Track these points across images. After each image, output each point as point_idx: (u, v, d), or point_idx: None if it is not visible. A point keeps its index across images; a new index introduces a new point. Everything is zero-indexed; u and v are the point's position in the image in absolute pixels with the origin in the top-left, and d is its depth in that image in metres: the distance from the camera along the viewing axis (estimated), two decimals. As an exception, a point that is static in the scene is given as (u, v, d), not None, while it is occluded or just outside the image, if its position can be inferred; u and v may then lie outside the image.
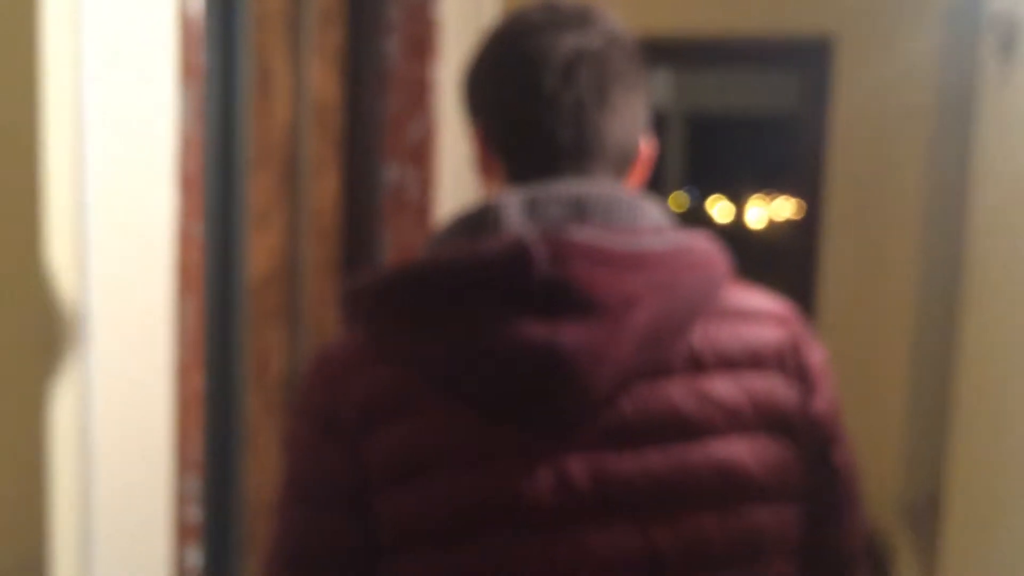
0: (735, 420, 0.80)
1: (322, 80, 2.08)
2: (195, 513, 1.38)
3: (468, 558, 0.77)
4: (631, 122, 0.91)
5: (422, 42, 2.11)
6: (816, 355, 0.90)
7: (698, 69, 5.42)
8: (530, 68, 0.86)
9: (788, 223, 4.50)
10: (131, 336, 1.25)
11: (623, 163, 0.92)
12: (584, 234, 0.78)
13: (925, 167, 3.35)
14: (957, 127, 3.16)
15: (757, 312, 0.87)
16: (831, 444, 0.91)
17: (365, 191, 2.20)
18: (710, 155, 6.92)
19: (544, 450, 0.77)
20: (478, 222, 0.82)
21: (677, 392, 0.79)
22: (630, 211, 0.83)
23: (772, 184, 6.13)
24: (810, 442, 0.87)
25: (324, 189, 2.13)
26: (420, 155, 2.26)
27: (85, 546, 1.17)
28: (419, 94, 2.19)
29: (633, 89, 0.90)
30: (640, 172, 0.97)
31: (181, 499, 1.36)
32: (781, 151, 4.47)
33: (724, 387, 0.81)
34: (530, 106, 0.87)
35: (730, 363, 0.82)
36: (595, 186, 0.84)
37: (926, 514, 3.22)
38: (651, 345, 0.78)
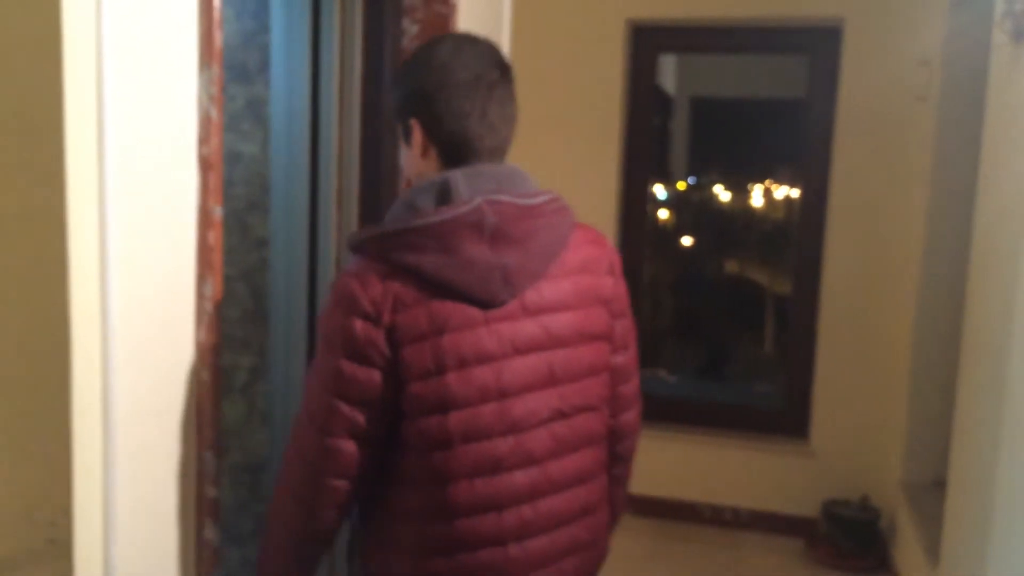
0: (582, 300, 1.41)
1: (342, 61, 2.09)
2: (213, 491, 1.39)
3: (455, 380, 1.28)
4: (512, 123, 1.42)
5: (439, 24, 2.11)
6: (619, 261, 1.53)
7: (705, 54, 5.39)
8: (463, 91, 1.35)
9: (793, 208, 4.50)
10: (152, 315, 1.26)
11: (507, 150, 1.44)
12: (506, 197, 1.33)
13: (932, 152, 3.35)
14: (965, 113, 3.16)
15: (593, 239, 1.48)
16: (625, 309, 1.54)
17: (384, 172, 2.21)
18: (716, 140, 6.90)
19: (494, 319, 1.31)
20: (441, 189, 1.31)
21: (556, 287, 1.38)
22: (524, 181, 1.39)
23: (778, 169, 6.11)
24: (615, 308, 1.50)
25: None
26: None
27: (107, 523, 1.18)
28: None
29: (513, 101, 1.42)
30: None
31: (200, 477, 1.38)
32: (788, 136, 4.45)
33: (579, 282, 1.41)
34: (463, 119, 1.36)
35: (582, 269, 1.42)
36: (503, 167, 1.39)
37: (930, 496, 3.25)
38: (544, 260, 1.36)
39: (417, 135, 1.38)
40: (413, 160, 1.42)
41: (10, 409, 1.16)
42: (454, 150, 1.37)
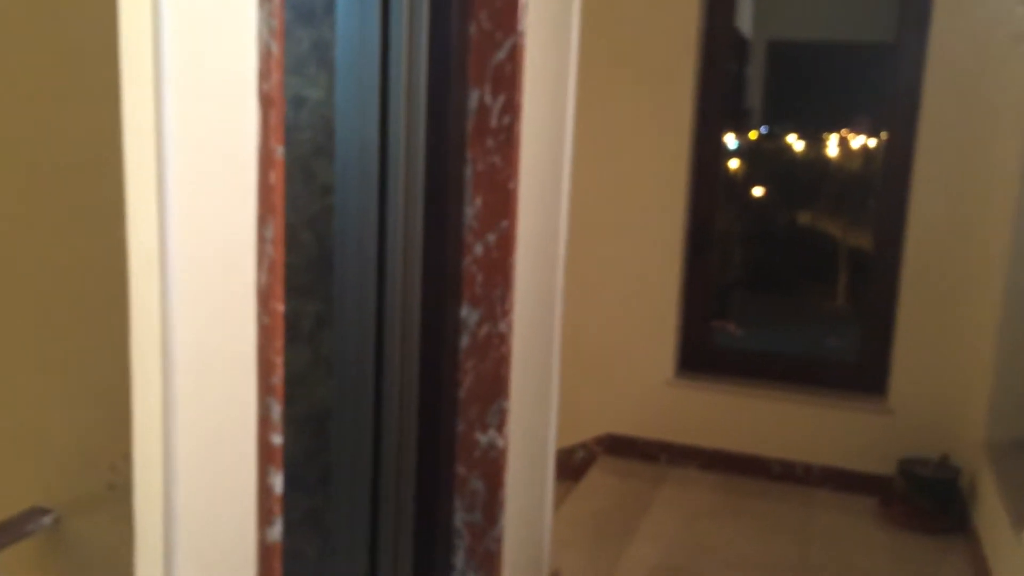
0: None
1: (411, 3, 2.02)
2: (277, 438, 1.36)
3: None
4: None
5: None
6: None
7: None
8: None
9: (871, 158, 4.31)
10: (212, 257, 1.22)
11: None
12: None
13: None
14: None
15: None
16: None
17: (450, 118, 2.14)
18: (792, 86, 6.67)
19: None
20: None
21: None
22: None
23: (857, 118, 5.88)
24: None
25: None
26: (506, 79, 2.18)
27: (167, 468, 1.16)
28: (508, 12, 2.11)
29: None
30: None
31: (263, 423, 1.35)
32: (871, 83, 4.25)
33: None
34: None
35: None
36: None
37: (1015, 457, 3.11)
38: None
39: None
40: None
41: (68, 351, 1.14)
42: None
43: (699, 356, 4.13)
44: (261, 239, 1.30)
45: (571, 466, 4.13)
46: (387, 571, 2.31)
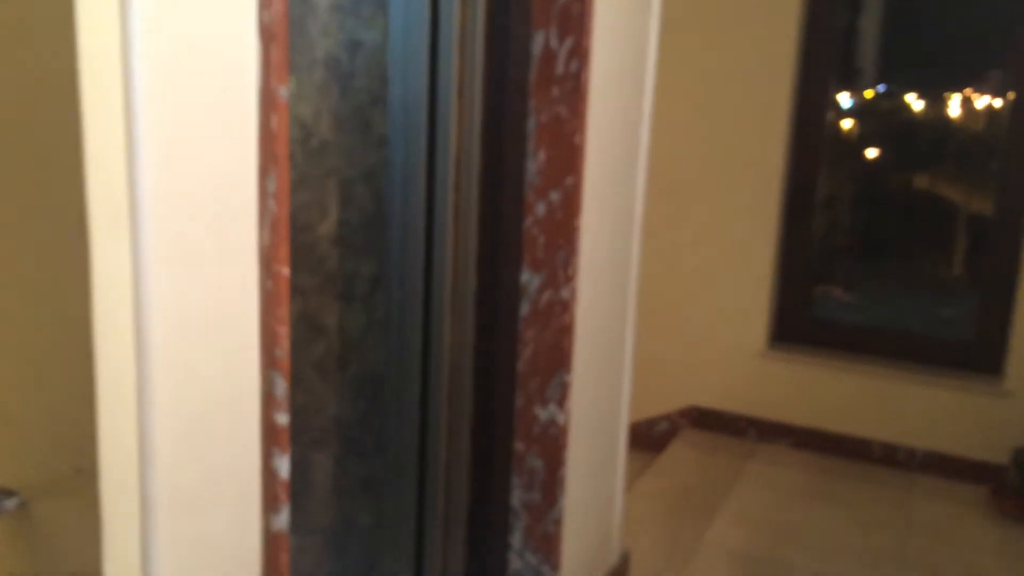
0: None
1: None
2: (283, 417, 1.22)
3: None
4: None
5: None
6: None
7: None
8: None
9: (997, 119, 3.92)
10: (201, 214, 1.07)
11: None
12: None
13: None
14: None
15: None
16: None
17: (510, 64, 1.95)
18: (912, 40, 6.17)
19: None
20: None
21: None
22: None
23: (985, 76, 5.39)
24: None
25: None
26: (573, 21, 1.97)
27: (143, 450, 1.02)
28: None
29: None
30: None
31: (267, 401, 1.21)
32: (1000, 39, 3.85)
33: None
34: None
35: None
36: None
37: None
38: None
39: None
40: None
41: (28, 326, 1.02)
42: None
43: (795, 327, 3.85)
44: (263, 193, 1.15)
45: (652, 438, 3.93)
46: (438, 548, 2.18)
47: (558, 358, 2.08)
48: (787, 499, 3.35)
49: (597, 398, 2.35)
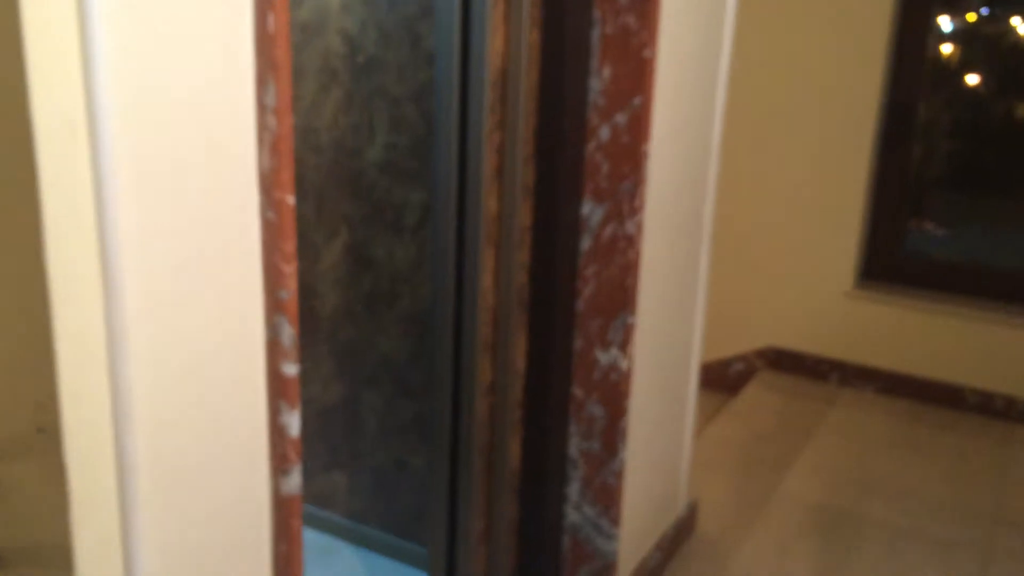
0: None
1: None
2: (291, 367, 1.07)
3: None
4: None
5: None
6: None
7: None
8: None
9: None
10: (184, 131, 0.90)
11: None
12: None
13: None
14: None
15: None
16: None
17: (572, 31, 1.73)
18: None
19: None
20: None
21: None
22: None
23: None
24: None
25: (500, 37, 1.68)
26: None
27: (116, 405, 0.88)
28: None
29: None
30: None
31: (272, 349, 1.05)
32: None
33: None
34: None
35: None
36: None
37: None
38: None
39: None
40: None
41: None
42: None
43: (886, 264, 3.57)
44: (260, 107, 0.98)
45: (726, 379, 3.73)
46: (477, 496, 2.04)
47: (621, 298, 1.89)
48: (870, 449, 3.13)
49: (665, 340, 2.16)
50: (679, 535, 2.46)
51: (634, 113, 1.80)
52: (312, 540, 2.50)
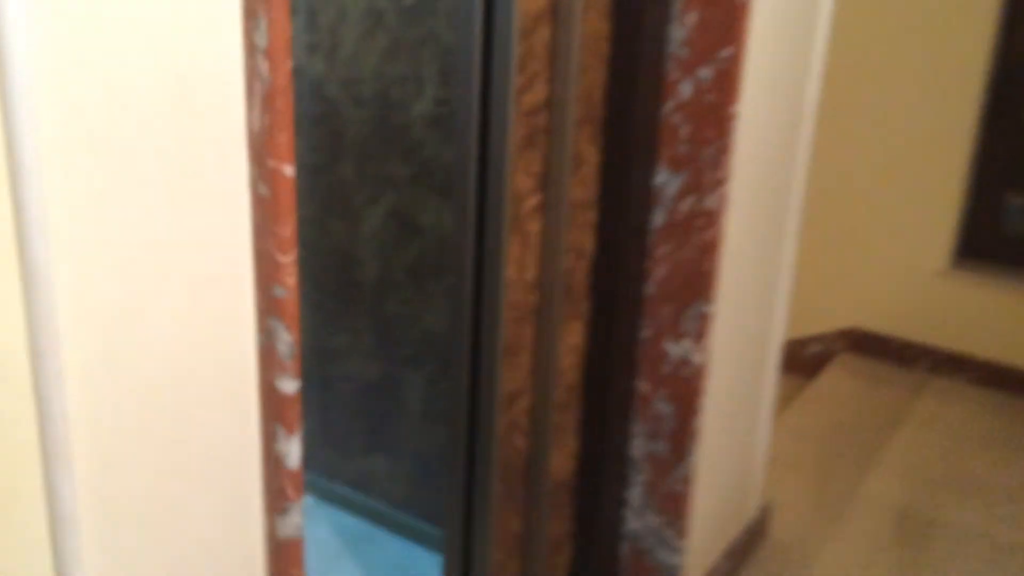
0: None
1: None
2: (289, 384, 0.85)
3: None
4: None
5: None
6: None
7: None
8: None
9: None
10: (163, 77, 0.68)
11: None
12: None
13: None
14: None
15: None
16: None
17: None
18: None
19: None
20: None
21: None
22: None
23: None
24: None
25: None
26: None
27: (47, 442, 0.67)
28: None
29: None
30: None
31: (266, 360, 0.83)
32: None
33: None
34: None
35: None
36: None
37: None
38: None
39: None
40: None
41: None
42: None
43: (986, 243, 3.23)
44: (249, 49, 0.75)
45: (802, 361, 3.45)
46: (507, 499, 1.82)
47: (698, 283, 1.63)
48: (963, 447, 2.83)
49: (744, 329, 1.90)
50: (750, 541, 2.22)
51: (722, 67, 1.53)
52: (348, 526, 2.32)
